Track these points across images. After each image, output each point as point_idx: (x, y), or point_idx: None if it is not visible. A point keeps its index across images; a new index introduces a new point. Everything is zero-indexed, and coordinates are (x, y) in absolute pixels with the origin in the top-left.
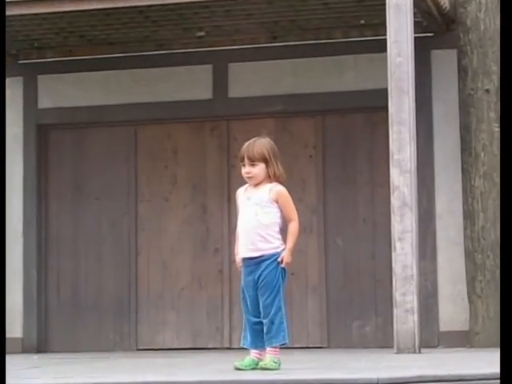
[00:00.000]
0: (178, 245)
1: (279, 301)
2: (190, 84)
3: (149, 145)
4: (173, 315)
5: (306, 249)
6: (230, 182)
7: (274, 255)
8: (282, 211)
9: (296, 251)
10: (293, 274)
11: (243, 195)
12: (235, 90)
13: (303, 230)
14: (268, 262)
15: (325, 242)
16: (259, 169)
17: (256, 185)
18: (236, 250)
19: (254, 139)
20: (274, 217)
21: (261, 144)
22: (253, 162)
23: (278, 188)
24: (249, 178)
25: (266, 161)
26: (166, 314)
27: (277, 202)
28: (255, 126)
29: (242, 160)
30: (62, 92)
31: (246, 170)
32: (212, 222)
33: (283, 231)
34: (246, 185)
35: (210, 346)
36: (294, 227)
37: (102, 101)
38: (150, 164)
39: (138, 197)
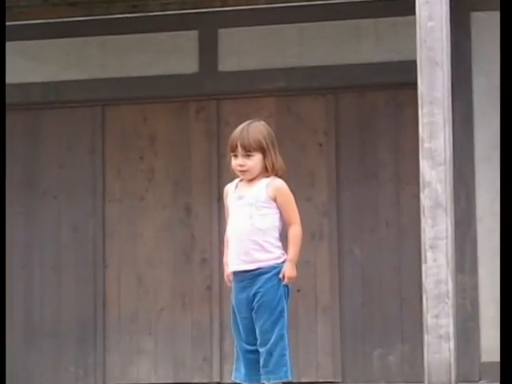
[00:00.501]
0: (155, 255)
1: (281, 327)
2: (171, 55)
3: (119, 130)
4: (150, 342)
5: (315, 260)
6: (221, 178)
7: (273, 268)
8: (280, 212)
9: (302, 263)
10: (298, 291)
11: (233, 193)
12: (227, 62)
13: (311, 236)
14: (266, 276)
15: (338, 251)
16: (255, 160)
17: (250, 180)
18: (225, 261)
19: (247, 123)
20: (273, 219)
21: (257, 129)
22: (248, 151)
23: (276, 182)
24: (242, 171)
25: (263, 150)
26: (141, 340)
27: (275, 201)
28: (252, 108)
29: (234, 149)
30: (10, 64)
31: (239, 162)
32: (198, 227)
33: (283, 237)
34: (236, 180)
35: (195, 381)
36: (295, 232)
37: (60, 75)
38: (120, 155)
39: (105, 195)
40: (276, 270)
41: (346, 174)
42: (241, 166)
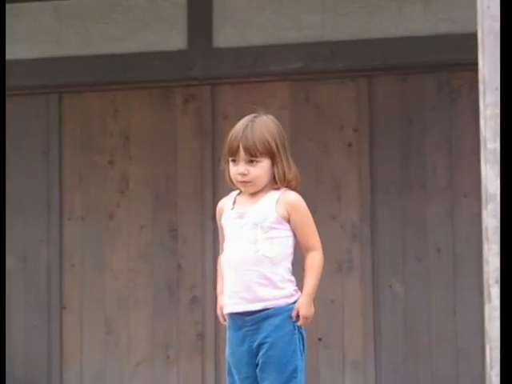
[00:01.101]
0: (130, 292)
1: None
2: (152, 26)
3: (82, 126)
4: None
5: (342, 299)
6: (217, 189)
7: (284, 310)
8: (295, 235)
9: (325, 302)
10: (320, 339)
11: (231, 211)
12: (224, 36)
13: (337, 266)
14: (275, 321)
15: (373, 286)
16: (262, 168)
17: (253, 193)
18: (219, 289)
19: (250, 118)
20: (285, 245)
21: (264, 126)
22: (252, 156)
23: (289, 196)
24: (244, 182)
25: (272, 155)
26: None
27: (288, 221)
28: (258, 96)
29: (234, 153)
30: None
31: (240, 170)
32: (186, 255)
33: (296, 267)
34: (234, 193)
35: None
36: (315, 260)
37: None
38: (83, 158)
39: (63, 212)
40: (287, 312)
41: (384, 184)
42: (243, 175)
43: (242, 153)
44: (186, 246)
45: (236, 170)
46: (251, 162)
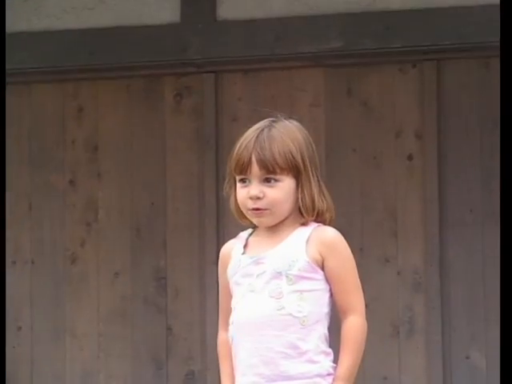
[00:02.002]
0: (99, 365)
1: None
2: None
3: (31, 131)
4: None
5: (399, 374)
6: (222, 219)
7: None
8: (331, 288)
9: (375, 380)
10: None
11: (242, 256)
12: (233, 4)
13: (393, 330)
14: None
15: (443, 357)
16: (282, 190)
17: (273, 230)
18: (224, 381)
19: (266, 123)
20: (320, 302)
21: (287, 134)
22: (270, 173)
23: (326, 233)
24: (258, 211)
25: (297, 172)
26: None
27: (322, 268)
28: (280, 89)
29: (243, 170)
30: None
31: (252, 193)
32: (179, 312)
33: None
34: (245, 234)
35: None
36: (354, 327)
37: None
38: (33, 177)
39: (5, 254)
40: None
41: (458, 212)
42: (255, 198)
43: (255, 169)
44: (179, 300)
45: (246, 192)
46: (268, 181)
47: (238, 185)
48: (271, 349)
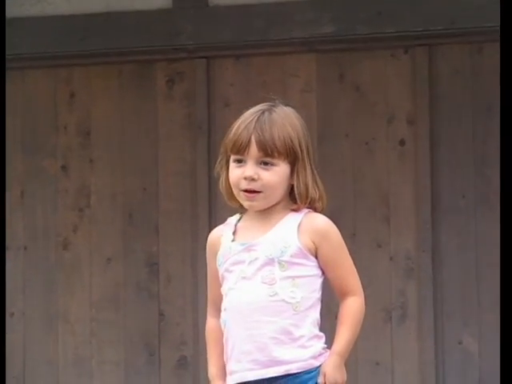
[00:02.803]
0: (92, 351)
1: None
2: None
3: (23, 116)
4: None
5: (392, 360)
6: (214, 205)
7: (310, 376)
8: (324, 274)
9: (367, 364)
10: None
11: (232, 243)
12: None
13: (385, 315)
14: None
15: (436, 343)
16: (277, 174)
17: (263, 216)
18: (213, 373)
19: (265, 106)
20: (312, 287)
21: (286, 119)
22: (268, 156)
23: (317, 221)
24: (251, 193)
25: (294, 158)
26: None
27: (315, 254)
28: (273, 73)
29: (241, 150)
30: None
31: (247, 173)
32: (171, 298)
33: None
34: (233, 219)
35: None
36: (353, 307)
37: None
38: (25, 163)
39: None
40: (314, 379)
41: (450, 197)
42: (250, 179)
43: (253, 149)
44: (172, 286)
45: (241, 172)
46: (264, 163)
47: (233, 165)
48: (264, 335)
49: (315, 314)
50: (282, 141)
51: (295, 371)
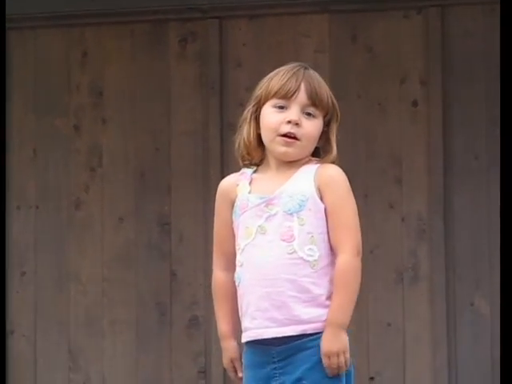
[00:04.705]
0: (103, 310)
1: None
2: None
3: (36, 76)
4: None
5: (403, 321)
6: (226, 165)
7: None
8: (328, 223)
9: (379, 326)
10: (372, 379)
11: (249, 195)
12: None
13: (396, 276)
14: (316, 354)
15: (447, 304)
16: (316, 127)
17: (283, 168)
18: (224, 330)
19: (302, 65)
20: (329, 244)
21: (322, 80)
22: (313, 106)
23: (327, 170)
24: (292, 140)
25: (329, 116)
26: None
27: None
28: (286, 34)
29: (288, 95)
30: None
31: (293, 117)
32: (183, 257)
33: None
34: (248, 171)
35: None
36: (344, 267)
37: None
38: (37, 122)
39: (10, 199)
40: None
41: (463, 158)
42: (294, 123)
43: (301, 96)
44: (183, 245)
45: (283, 117)
46: (307, 114)
47: (271, 110)
48: (283, 293)
49: (333, 272)
50: (325, 96)
51: (310, 332)
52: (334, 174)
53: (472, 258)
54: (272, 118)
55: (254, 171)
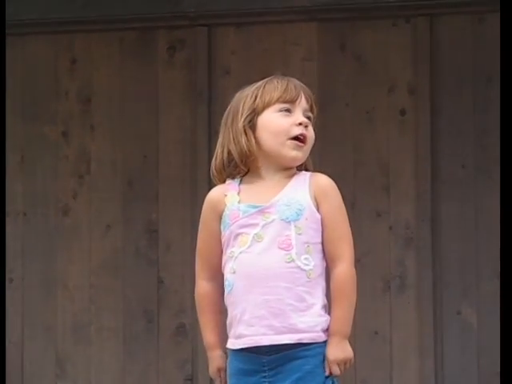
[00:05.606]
0: (90, 317)
1: None
2: None
3: (24, 83)
4: None
5: (390, 329)
6: None
7: (320, 349)
8: (323, 233)
9: (365, 334)
10: None
11: (239, 205)
12: None
13: (384, 284)
14: (308, 364)
15: (434, 313)
16: (312, 131)
17: (267, 173)
18: (210, 341)
19: (283, 75)
20: (321, 254)
21: None
22: (310, 111)
23: (322, 179)
24: (300, 143)
25: (313, 124)
26: None
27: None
28: (274, 42)
29: (292, 99)
30: None
31: (303, 119)
32: (170, 265)
33: None
34: (234, 181)
35: None
36: (345, 278)
37: None
38: (26, 129)
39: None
40: (322, 354)
41: (450, 167)
42: (305, 125)
43: (303, 101)
44: (171, 253)
45: (292, 120)
46: (307, 118)
47: (277, 114)
48: (281, 301)
49: (324, 283)
50: (313, 103)
51: (306, 341)
52: (329, 184)
53: (459, 267)
54: (281, 121)
55: (240, 181)
